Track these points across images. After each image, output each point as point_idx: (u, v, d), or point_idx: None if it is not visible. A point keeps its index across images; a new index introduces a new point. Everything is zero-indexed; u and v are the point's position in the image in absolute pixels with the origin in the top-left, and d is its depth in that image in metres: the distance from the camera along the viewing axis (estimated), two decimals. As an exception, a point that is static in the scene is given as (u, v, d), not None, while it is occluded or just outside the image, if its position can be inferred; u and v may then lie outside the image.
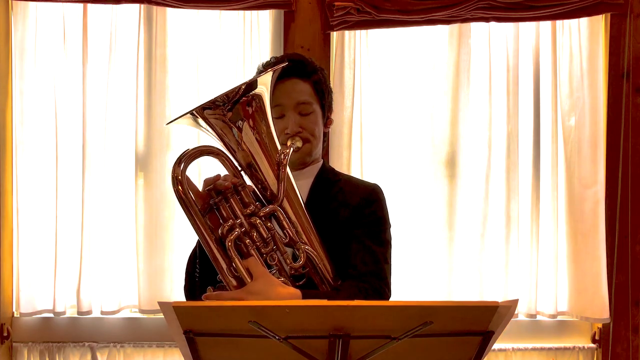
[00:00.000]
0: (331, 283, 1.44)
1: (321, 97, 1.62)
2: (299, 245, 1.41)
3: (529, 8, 2.44)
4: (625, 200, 2.52)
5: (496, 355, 2.54)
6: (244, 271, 1.34)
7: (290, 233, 1.41)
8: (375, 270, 1.49)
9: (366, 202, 1.56)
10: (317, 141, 1.60)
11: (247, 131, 1.43)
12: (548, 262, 2.52)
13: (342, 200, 1.57)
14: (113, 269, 2.49)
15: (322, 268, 1.44)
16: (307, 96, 1.58)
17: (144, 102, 2.49)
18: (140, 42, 2.49)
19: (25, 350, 2.50)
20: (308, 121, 1.57)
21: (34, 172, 2.48)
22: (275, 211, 1.40)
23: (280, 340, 1.03)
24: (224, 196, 1.38)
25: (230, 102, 1.40)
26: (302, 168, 1.62)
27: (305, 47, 2.49)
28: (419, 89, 2.55)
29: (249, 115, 1.42)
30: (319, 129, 1.61)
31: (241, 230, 1.37)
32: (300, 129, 1.56)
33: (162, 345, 2.51)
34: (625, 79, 2.52)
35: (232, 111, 1.40)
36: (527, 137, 2.55)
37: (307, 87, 1.58)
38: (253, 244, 1.38)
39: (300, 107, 1.57)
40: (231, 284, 1.35)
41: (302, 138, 1.56)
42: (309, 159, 1.62)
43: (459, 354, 1.11)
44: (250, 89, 1.41)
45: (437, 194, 2.54)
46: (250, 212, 1.39)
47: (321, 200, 1.57)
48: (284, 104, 1.56)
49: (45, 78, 2.48)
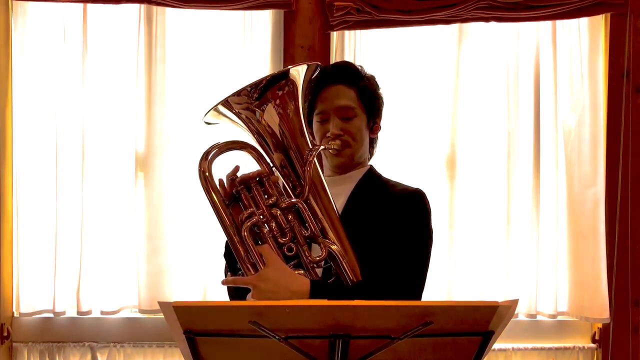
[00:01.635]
0: (355, 282, 1.43)
1: (366, 103, 1.63)
2: (321, 241, 1.43)
3: (529, 8, 2.44)
4: (625, 200, 2.52)
5: (496, 355, 2.54)
6: (257, 257, 1.38)
7: (313, 228, 1.43)
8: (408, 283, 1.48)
9: (408, 208, 1.55)
10: (358, 145, 1.61)
11: (277, 123, 1.46)
12: (548, 262, 2.52)
13: (383, 204, 1.56)
14: (113, 269, 2.49)
15: (345, 266, 1.43)
16: (350, 101, 1.59)
17: (144, 102, 2.49)
18: (140, 42, 2.49)
19: (25, 350, 2.50)
20: (350, 125, 1.59)
21: (34, 172, 2.48)
22: (298, 204, 1.43)
23: (280, 340, 1.03)
24: (246, 186, 1.42)
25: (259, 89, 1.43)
26: (346, 172, 1.63)
27: (305, 47, 2.49)
28: (419, 89, 2.55)
29: (279, 104, 1.45)
30: (362, 134, 1.62)
31: (260, 218, 1.40)
32: (341, 132, 1.58)
33: (162, 345, 2.51)
34: (625, 79, 2.52)
35: (260, 100, 1.44)
36: (527, 137, 2.55)
37: (351, 92, 1.60)
38: (270, 233, 1.41)
39: (342, 111, 1.59)
40: (248, 271, 1.39)
41: (342, 141, 1.57)
42: (351, 163, 1.63)
43: (459, 354, 1.11)
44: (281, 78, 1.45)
45: (437, 194, 2.54)
46: (271, 203, 1.42)
47: (362, 205, 1.57)
48: (326, 108, 1.59)
49: (45, 78, 2.48)
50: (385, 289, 1.42)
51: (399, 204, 1.55)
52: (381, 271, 1.46)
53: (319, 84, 1.61)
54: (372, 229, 1.51)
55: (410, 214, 1.54)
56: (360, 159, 1.65)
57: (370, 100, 1.65)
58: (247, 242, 1.38)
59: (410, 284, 1.48)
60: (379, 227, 1.51)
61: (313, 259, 1.42)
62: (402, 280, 1.46)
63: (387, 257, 1.47)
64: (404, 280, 1.47)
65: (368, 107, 1.64)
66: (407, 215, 1.54)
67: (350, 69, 1.65)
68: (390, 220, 1.52)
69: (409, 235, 1.51)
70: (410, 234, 1.52)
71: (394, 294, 1.41)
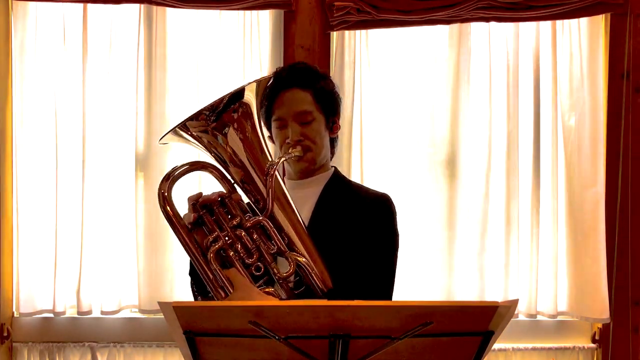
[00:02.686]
0: (325, 292, 1.45)
1: (323, 105, 1.62)
2: (288, 255, 1.43)
3: (529, 8, 2.44)
4: (625, 200, 2.52)
5: (496, 355, 2.54)
6: (225, 281, 1.38)
7: (279, 243, 1.43)
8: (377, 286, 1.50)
9: (375, 212, 1.57)
10: (319, 149, 1.61)
11: (235, 142, 1.46)
12: (548, 262, 2.52)
13: (350, 210, 1.57)
14: (113, 269, 2.49)
15: (314, 278, 1.44)
16: (307, 105, 1.59)
17: (144, 101, 2.49)
18: (140, 42, 2.49)
19: (25, 350, 2.50)
20: (309, 130, 1.59)
21: (34, 172, 2.48)
22: (261, 222, 1.43)
23: (280, 340, 1.03)
24: (208, 209, 1.42)
25: (216, 113, 1.43)
26: (310, 175, 1.64)
27: (305, 47, 2.49)
28: (419, 89, 2.55)
29: (237, 127, 1.46)
30: (322, 137, 1.62)
31: (225, 242, 1.40)
32: (301, 137, 1.58)
33: (162, 345, 2.51)
34: (625, 79, 2.52)
35: (217, 122, 1.43)
36: (527, 137, 2.55)
37: (306, 95, 1.60)
38: (236, 255, 1.40)
39: (300, 116, 1.58)
40: (219, 295, 1.39)
41: (303, 147, 1.58)
42: (314, 167, 1.63)
43: (459, 354, 1.11)
44: (236, 100, 1.44)
45: (437, 194, 2.54)
46: (235, 224, 1.42)
47: (329, 209, 1.58)
48: (284, 114, 1.59)
49: (45, 78, 2.48)
50: (355, 295, 1.42)
51: (366, 208, 1.57)
52: (350, 277, 1.47)
53: (274, 89, 1.60)
54: (340, 234, 1.53)
55: (377, 219, 1.56)
56: (323, 160, 1.66)
57: (328, 101, 1.64)
58: (213, 266, 1.38)
59: (379, 289, 1.51)
60: (346, 232, 1.53)
61: (282, 275, 1.42)
62: (371, 285, 1.49)
63: (355, 262, 1.49)
64: (373, 285, 1.49)
65: (326, 108, 1.63)
66: (374, 220, 1.56)
67: (304, 71, 1.64)
68: (358, 225, 1.54)
69: (376, 240, 1.53)
70: (377, 238, 1.54)
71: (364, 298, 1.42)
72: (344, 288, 1.46)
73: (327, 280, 1.46)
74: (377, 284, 1.51)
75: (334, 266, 1.48)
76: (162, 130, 2.48)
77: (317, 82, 1.62)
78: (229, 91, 1.44)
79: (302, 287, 1.46)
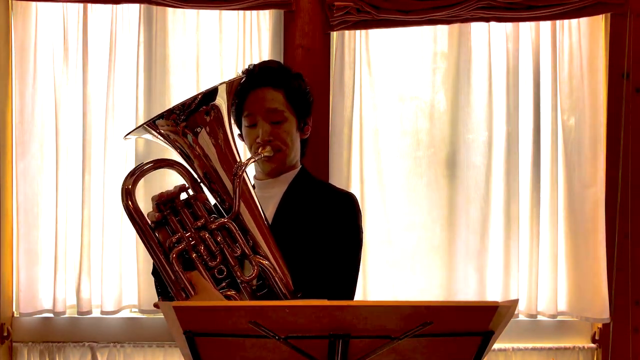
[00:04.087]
0: (287, 297, 1.44)
1: (295, 105, 1.61)
2: (252, 258, 1.42)
3: (529, 8, 2.44)
4: (625, 200, 2.52)
5: (496, 355, 2.54)
6: (187, 284, 1.37)
7: (243, 246, 1.42)
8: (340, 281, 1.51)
9: (337, 212, 1.56)
10: (289, 149, 1.60)
11: (204, 142, 1.44)
12: (548, 262, 2.52)
13: (313, 208, 1.57)
14: (113, 269, 2.49)
15: (277, 280, 1.44)
16: (278, 104, 1.58)
17: (144, 101, 2.49)
18: (140, 42, 2.49)
19: (25, 350, 2.50)
20: (279, 130, 1.58)
21: (34, 172, 2.48)
22: (226, 224, 1.41)
23: (280, 340, 1.03)
24: (172, 210, 1.40)
25: (186, 111, 1.41)
26: (278, 175, 1.63)
27: (305, 47, 2.49)
28: (419, 89, 2.55)
29: (205, 125, 1.44)
30: (292, 137, 1.61)
31: (189, 243, 1.39)
32: (271, 137, 1.56)
33: (162, 345, 2.51)
34: (625, 79, 2.52)
35: (187, 121, 1.42)
36: (527, 137, 2.55)
37: (278, 95, 1.58)
38: (199, 258, 1.39)
39: (271, 115, 1.57)
40: (179, 296, 1.38)
41: (273, 147, 1.56)
42: (283, 167, 1.62)
43: (459, 354, 1.11)
44: (206, 100, 1.42)
45: (437, 194, 2.54)
46: (199, 225, 1.41)
47: (293, 208, 1.58)
48: (254, 112, 1.58)
49: (45, 78, 2.48)
50: (316, 293, 1.43)
51: (330, 207, 1.56)
52: (312, 275, 1.47)
53: (245, 87, 1.58)
54: (303, 233, 1.52)
55: (339, 217, 1.55)
56: (292, 161, 1.65)
57: (300, 101, 1.63)
58: (175, 268, 1.37)
59: (340, 286, 1.50)
60: (309, 232, 1.52)
61: (244, 278, 1.41)
62: (332, 282, 1.48)
63: (317, 260, 1.49)
64: (334, 282, 1.49)
65: (298, 109, 1.62)
66: (337, 218, 1.55)
67: (277, 70, 1.62)
68: (320, 223, 1.53)
69: (338, 237, 1.53)
70: (339, 236, 1.53)
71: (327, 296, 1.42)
72: (306, 287, 1.46)
73: (289, 284, 1.46)
74: (339, 281, 1.50)
75: (296, 265, 1.48)
76: (162, 130, 2.48)
77: (289, 82, 1.61)
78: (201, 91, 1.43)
79: (265, 289, 1.45)
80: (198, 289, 1.36)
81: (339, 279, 1.51)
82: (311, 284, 1.46)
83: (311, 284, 1.46)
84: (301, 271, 1.48)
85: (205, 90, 1.42)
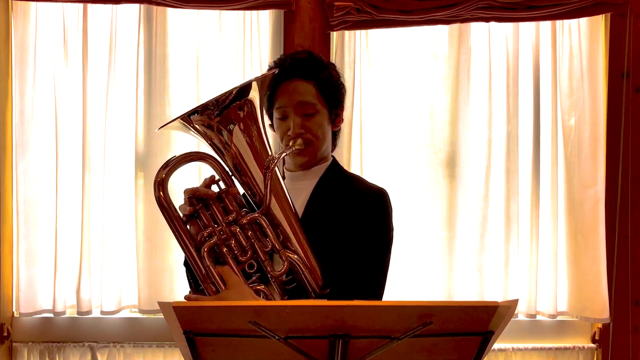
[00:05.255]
0: (317, 291, 1.44)
1: (327, 97, 1.58)
2: (282, 253, 1.42)
3: (529, 8, 2.44)
4: (625, 200, 2.52)
5: (496, 355, 2.54)
6: (218, 279, 1.37)
7: (273, 241, 1.42)
8: (368, 281, 1.48)
9: (367, 208, 1.53)
10: (321, 142, 1.58)
11: (237, 135, 1.44)
12: (548, 262, 2.52)
13: (343, 203, 1.54)
14: (113, 269, 2.49)
15: (307, 276, 1.43)
16: (309, 97, 1.55)
17: (144, 102, 2.49)
18: (140, 42, 2.49)
19: (25, 350, 2.50)
20: (310, 122, 1.55)
21: (34, 172, 2.48)
22: (257, 219, 1.41)
23: (280, 340, 1.03)
24: (204, 204, 1.40)
25: (220, 107, 1.41)
26: (309, 167, 1.61)
27: (305, 47, 2.49)
28: (419, 89, 2.55)
29: (239, 120, 1.43)
30: (324, 130, 1.58)
31: (220, 237, 1.39)
32: (302, 130, 1.54)
33: (162, 345, 2.51)
34: (625, 79, 2.52)
35: (221, 116, 1.41)
36: (527, 137, 2.55)
37: (309, 87, 1.56)
38: (230, 252, 1.39)
39: (302, 108, 1.55)
40: (210, 289, 1.38)
41: (304, 139, 1.54)
42: (314, 160, 1.60)
43: (459, 354, 1.11)
44: (240, 94, 1.42)
45: (437, 194, 2.54)
46: (231, 220, 1.40)
47: (323, 202, 1.56)
48: (285, 105, 1.56)
49: (45, 78, 2.48)
50: (344, 291, 1.42)
51: (360, 203, 1.53)
52: (340, 273, 1.45)
53: (277, 78, 1.56)
54: (332, 228, 1.50)
55: (370, 214, 1.52)
56: (324, 154, 1.62)
57: (331, 93, 1.60)
58: (206, 262, 1.37)
59: (368, 286, 1.48)
60: (338, 227, 1.50)
61: (275, 273, 1.41)
62: (361, 282, 1.46)
63: (346, 257, 1.47)
64: (362, 282, 1.46)
65: (329, 101, 1.59)
66: (367, 215, 1.52)
67: (307, 61, 1.59)
68: (350, 220, 1.51)
69: (368, 236, 1.50)
70: (369, 235, 1.51)
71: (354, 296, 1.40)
72: (335, 284, 1.44)
73: (318, 278, 1.45)
74: (367, 281, 1.48)
75: (325, 260, 1.46)
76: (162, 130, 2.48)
77: (320, 73, 1.57)
78: (235, 85, 1.42)
79: (294, 283, 1.44)
80: (229, 284, 1.36)
81: (365, 279, 1.48)
82: (338, 283, 1.45)
83: (338, 283, 1.45)
84: (330, 267, 1.46)
85: (239, 85, 1.41)
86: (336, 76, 1.63)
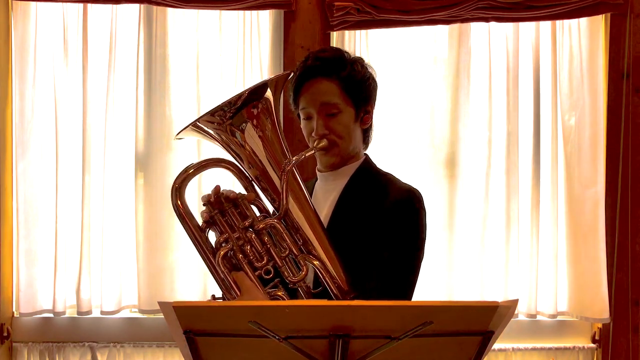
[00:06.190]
0: (338, 296, 1.40)
1: (352, 94, 1.52)
2: (300, 258, 1.40)
3: (529, 8, 2.44)
4: (625, 200, 2.52)
5: (496, 355, 2.54)
6: (233, 284, 1.37)
7: (291, 245, 1.39)
8: (395, 280, 1.44)
9: (398, 209, 1.47)
10: (346, 142, 1.52)
11: (252, 139, 1.41)
12: (548, 262, 2.52)
13: (373, 204, 1.49)
14: (113, 269, 2.49)
15: (328, 280, 1.40)
16: (332, 96, 1.49)
17: (144, 102, 2.49)
18: (140, 42, 2.49)
19: (25, 350, 2.50)
20: (334, 122, 1.49)
21: (34, 172, 2.49)
22: (274, 225, 1.39)
23: (280, 340, 1.03)
24: (220, 210, 1.39)
25: (234, 109, 1.39)
26: (339, 167, 1.56)
27: (305, 47, 2.49)
28: (419, 89, 2.55)
29: (256, 124, 1.41)
30: (349, 130, 1.52)
31: (235, 244, 1.38)
32: (326, 131, 1.49)
33: (162, 345, 2.51)
34: (625, 79, 2.52)
35: (235, 118, 1.39)
36: (527, 137, 2.55)
37: (331, 86, 1.49)
38: (245, 258, 1.38)
39: (325, 108, 1.49)
40: (228, 294, 1.39)
41: (329, 140, 1.49)
42: (342, 160, 1.55)
43: (459, 354, 1.11)
44: (256, 95, 1.40)
45: (437, 194, 2.54)
46: (247, 226, 1.39)
47: (352, 203, 1.51)
48: (308, 105, 1.51)
49: (45, 78, 2.48)
50: (372, 292, 1.39)
51: (390, 204, 1.48)
52: (368, 277, 1.42)
53: (299, 79, 1.52)
54: (361, 230, 1.46)
55: (399, 215, 1.47)
56: (352, 153, 1.56)
57: (357, 90, 1.53)
58: (222, 268, 1.37)
59: (396, 291, 1.43)
60: (367, 229, 1.46)
61: (292, 279, 1.39)
62: (388, 287, 1.42)
63: (375, 261, 1.43)
64: (390, 287, 1.43)
65: (354, 98, 1.52)
66: (397, 216, 1.46)
67: (329, 59, 1.52)
68: (380, 222, 1.46)
69: (396, 240, 1.45)
70: (399, 238, 1.45)
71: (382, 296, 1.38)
72: (361, 289, 1.41)
73: (342, 284, 1.41)
74: (395, 286, 1.44)
75: (352, 264, 1.43)
76: (162, 130, 2.48)
77: (343, 70, 1.51)
78: (250, 86, 1.39)
79: (320, 287, 1.42)
80: (242, 290, 1.36)
81: (394, 281, 1.44)
82: (366, 286, 1.41)
83: (366, 286, 1.41)
84: (357, 271, 1.43)
85: (252, 87, 1.39)
86: (362, 72, 1.56)
